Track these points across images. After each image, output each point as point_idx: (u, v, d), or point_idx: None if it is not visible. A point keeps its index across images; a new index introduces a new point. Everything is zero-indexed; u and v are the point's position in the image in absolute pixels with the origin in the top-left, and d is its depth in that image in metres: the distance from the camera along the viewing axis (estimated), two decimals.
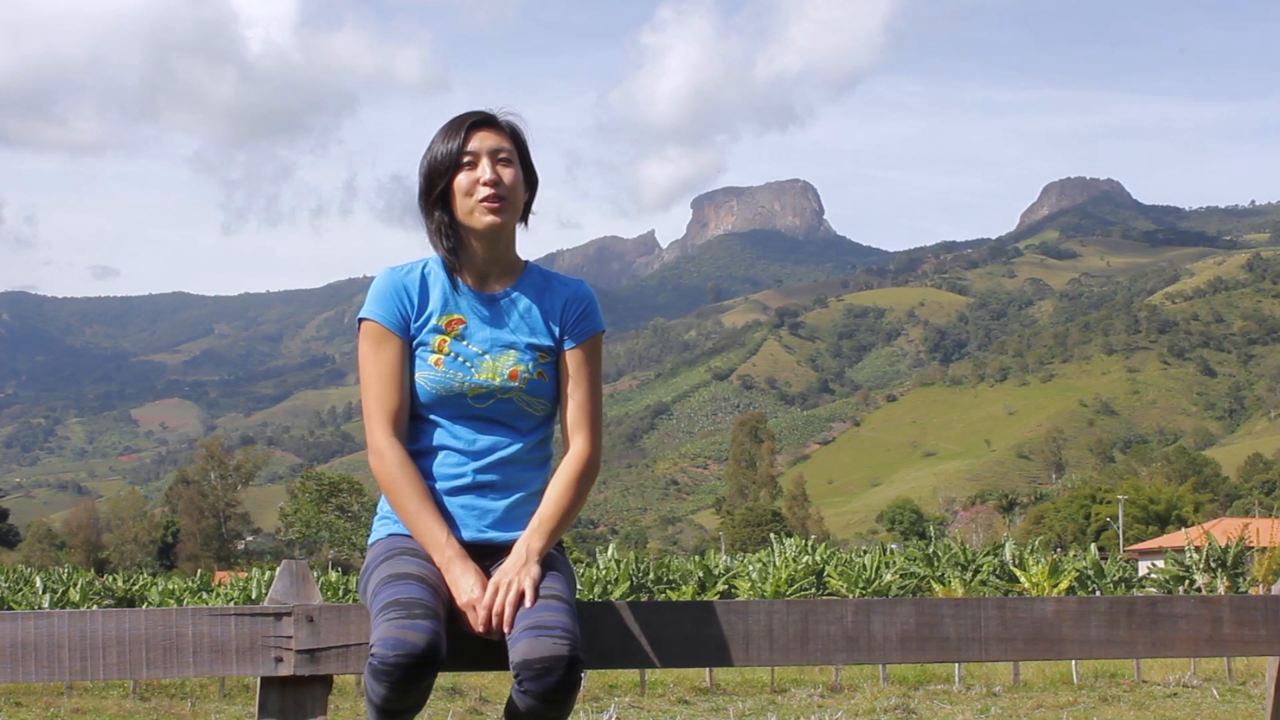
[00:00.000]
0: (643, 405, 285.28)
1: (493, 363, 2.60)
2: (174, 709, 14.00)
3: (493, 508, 2.59)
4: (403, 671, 2.28)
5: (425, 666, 2.29)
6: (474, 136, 2.62)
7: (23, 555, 72.25)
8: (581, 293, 2.72)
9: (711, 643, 2.59)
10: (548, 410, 2.67)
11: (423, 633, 2.29)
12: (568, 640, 2.32)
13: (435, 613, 2.35)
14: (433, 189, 2.62)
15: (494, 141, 2.63)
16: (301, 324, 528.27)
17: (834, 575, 23.85)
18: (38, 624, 2.43)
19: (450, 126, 2.64)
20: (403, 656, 2.27)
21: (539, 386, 2.63)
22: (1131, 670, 16.05)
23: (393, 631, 2.29)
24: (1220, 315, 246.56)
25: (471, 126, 2.63)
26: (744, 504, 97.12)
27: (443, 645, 2.32)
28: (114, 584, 35.47)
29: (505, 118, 2.69)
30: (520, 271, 2.70)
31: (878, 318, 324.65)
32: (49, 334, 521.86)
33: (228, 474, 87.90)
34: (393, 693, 2.32)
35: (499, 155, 2.62)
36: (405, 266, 2.68)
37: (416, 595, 2.36)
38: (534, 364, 2.62)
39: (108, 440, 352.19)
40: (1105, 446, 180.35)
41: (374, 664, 2.29)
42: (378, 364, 2.60)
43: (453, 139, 2.61)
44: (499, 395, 2.60)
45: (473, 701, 13.66)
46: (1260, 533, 23.97)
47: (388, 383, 2.59)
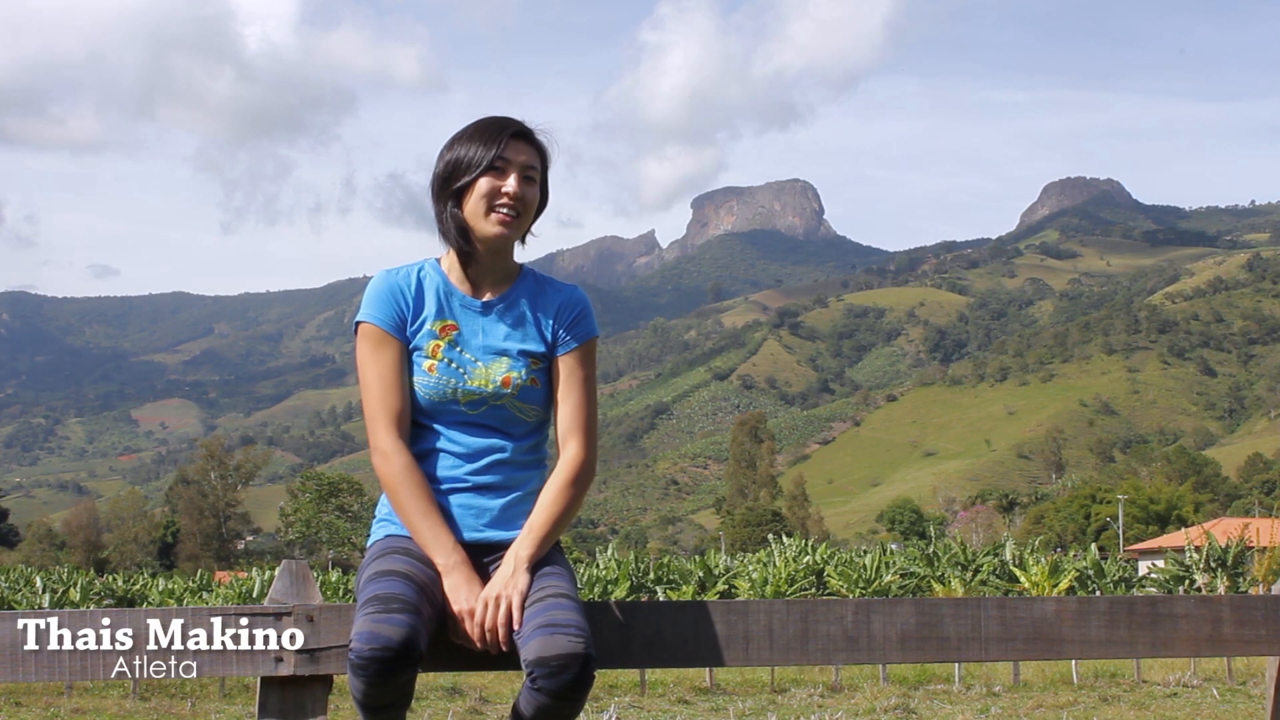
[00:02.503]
0: (643, 405, 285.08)
1: (485, 369, 2.61)
2: (174, 709, 14.00)
3: (490, 507, 2.61)
4: (378, 665, 2.28)
5: (401, 661, 2.30)
6: (511, 146, 2.63)
7: (23, 555, 72.21)
8: (575, 298, 2.72)
9: (711, 643, 2.60)
10: (541, 416, 2.68)
11: (398, 627, 2.30)
12: (582, 638, 2.34)
13: (414, 608, 2.35)
14: (453, 185, 2.63)
15: (526, 157, 2.64)
16: (301, 324, 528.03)
17: (834, 575, 23.83)
18: (38, 624, 2.44)
19: (489, 128, 2.64)
20: (378, 650, 2.27)
21: (531, 393, 2.64)
22: (1131, 670, 16.04)
23: (369, 625, 2.30)
24: (1220, 315, 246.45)
25: (512, 136, 2.64)
26: (744, 504, 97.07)
27: (420, 641, 2.33)
28: (114, 584, 35.45)
29: (541, 135, 2.70)
30: (515, 277, 2.71)
31: (878, 318, 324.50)
32: (49, 334, 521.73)
33: (228, 474, 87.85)
34: (370, 687, 2.32)
35: (527, 171, 2.64)
36: (401, 269, 2.69)
37: (396, 590, 2.37)
38: (526, 370, 2.64)
39: (108, 440, 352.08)
40: (1105, 446, 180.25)
41: (351, 658, 2.31)
42: (378, 366, 2.60)
43: (491, 144, 2.61)
44: (492, 402, 2.61)
45: (473, 701, 13.65)
46: (1260, 533, 23.93)
47: (390, 384, 2.59)
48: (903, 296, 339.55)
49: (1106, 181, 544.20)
